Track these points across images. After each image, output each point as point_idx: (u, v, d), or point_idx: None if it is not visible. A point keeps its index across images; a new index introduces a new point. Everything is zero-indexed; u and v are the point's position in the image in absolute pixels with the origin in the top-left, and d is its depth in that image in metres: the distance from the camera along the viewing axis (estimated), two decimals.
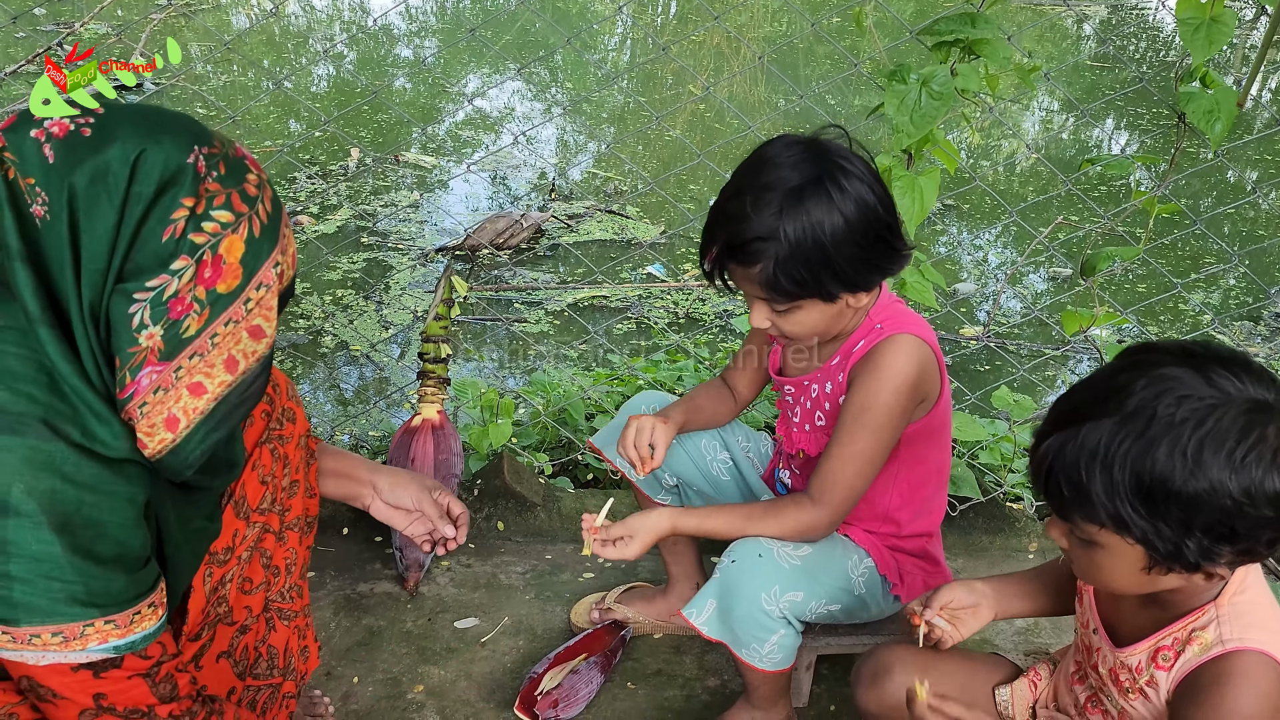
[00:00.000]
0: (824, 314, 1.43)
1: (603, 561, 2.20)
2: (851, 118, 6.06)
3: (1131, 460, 0.96)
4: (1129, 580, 1.07)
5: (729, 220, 1.38)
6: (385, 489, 1.58)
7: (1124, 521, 0.98)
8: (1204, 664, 1.09)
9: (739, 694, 1.85)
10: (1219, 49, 1.86)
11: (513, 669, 1.89)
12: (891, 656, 1.40)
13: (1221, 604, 1.10)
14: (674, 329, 3.71)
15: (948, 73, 1.92)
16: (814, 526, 1.50)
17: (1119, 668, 1.19)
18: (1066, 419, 1.02)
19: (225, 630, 1.51)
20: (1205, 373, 0.98)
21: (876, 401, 1.45)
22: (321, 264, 4.05)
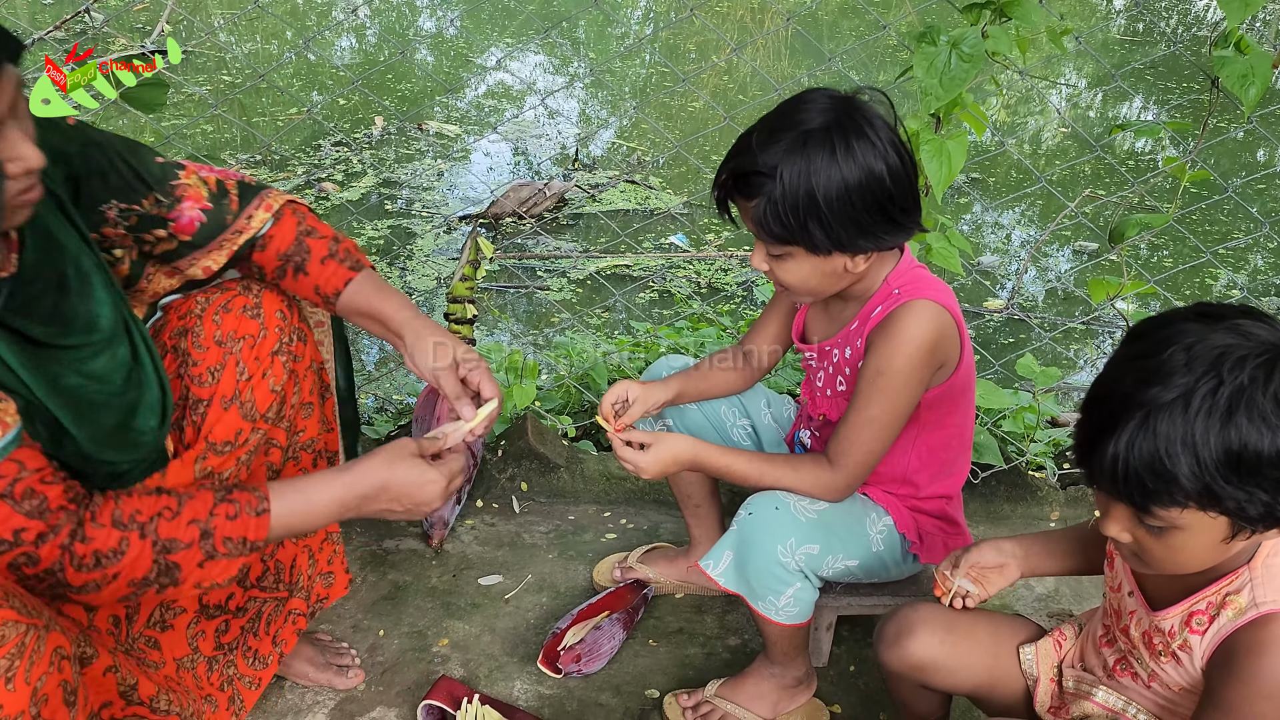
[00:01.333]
0: (816, 269, 1.42)
1: (624, 522, 2.21)
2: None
3: (1214, 435, 0.95)
4: (1206, 555, 1.06)
5: (740, 150, 1.39)
6: (410, 345, 1.50)
7: (1216, 496, 0.97)
8: (1239, 629, 1.09)
9: (759, 654, 1.87)
10: (1255, 11, 1.83)
11: (536, 625, 1.91)
12: (915, 616, 1.41)
13: (1255, 567, 1.10)
14: (696, 298, 3.71)
15: (979, 35, 1.90)
16: (831, 487, 1.51)
17: (1152, 631, 1.19)
18: (1120, 413, 1.00)
19: None
20: (1235, 328, 0.98)
21: (891, 366, 1.45)
22: (347, 230, 4.07)
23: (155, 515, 1.21)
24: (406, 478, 1.35)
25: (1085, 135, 2.56)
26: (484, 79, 6.09)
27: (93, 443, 1.26)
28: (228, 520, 1.25)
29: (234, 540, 1.26)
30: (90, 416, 1.25)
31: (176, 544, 1.22)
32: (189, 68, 5.75)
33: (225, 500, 1.26)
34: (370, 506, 1.36)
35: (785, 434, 1.82)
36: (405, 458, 1.36)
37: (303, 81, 5.85)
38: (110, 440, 1.28)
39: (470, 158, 5.06)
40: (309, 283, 1.51)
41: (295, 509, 1.31)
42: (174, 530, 1.22)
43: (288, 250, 1.49)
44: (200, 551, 1.24)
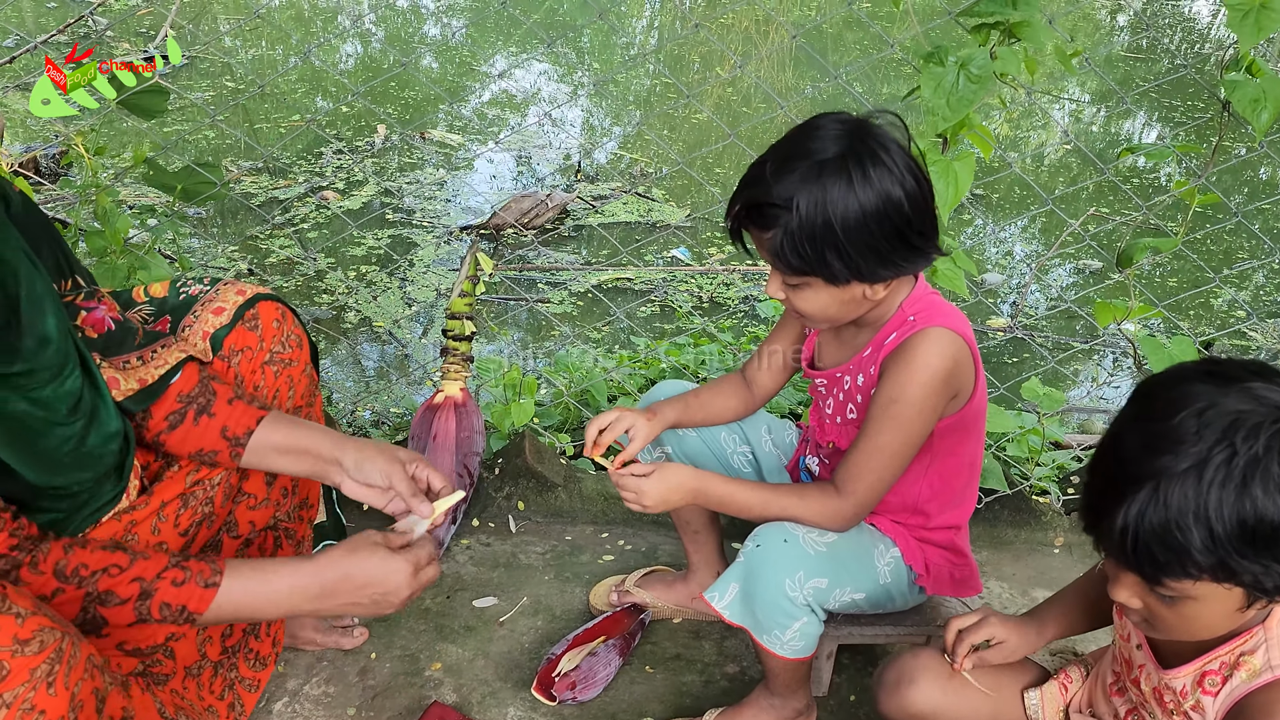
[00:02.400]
0: (834, 298, 1.40)
1: (622, 543, 2.18)
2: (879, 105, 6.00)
3: (1228, 507, 0.92)
4: (1220, 623, 1.04)
5: (754, 180, 1.36)
6: (352, 465, 1.46)
7: (1231, 570, 0.94)
8: (1253, 692, 1.06)
9: (758, 681, 1.83)
10: (1268, 35, 1.81)
11: (530, 649, 1.88)
12: (916, 664, 1.38)
13: (1270, 627, 1.07)
14: (698, 313, 3.68)
15: (987, 55, 1.88)
16: (838, 516, 1.48)
17: (1163, 688, 1.16)
18: (1130, 481, 0.97)
19: (230, 542, 1.53)
20: (1247, 391, 0.95)
21: (905, 395, 1.42)
22: (346, 239, 4.04)
23: (101, 570, 1.19)
24: (369, 567, 1.31)
25: (1092, 157, 2.53)
26: (488, 87, 6.07)
27: (39, 472, 1.22)
28: (172, 586, 1.22)
29: (172, 608, 1.22)
30: (35, 445, 1.22)
31: (113, 598, 1.19)
32: (193, 73, 5.74)
33: (177, 566, 1.23)
34: (331, 601, 1.31)
35: (788, 461, 1.79)
36: (368, 545, 1.33)
37: (307, 87, 5.83)
38: (58, 467, 1.25)
39: (472, 167, 5.03)
40: (214, 425, 1.43)
41: (249, 589, 1.26)
42: (114, 584, 1.19)
43: (190, 392, 1.42)
44: (133, 612, 1.21)
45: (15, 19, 6.49)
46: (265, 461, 1.46)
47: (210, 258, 3.80)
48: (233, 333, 1.50)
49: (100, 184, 2.04)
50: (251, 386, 1.52)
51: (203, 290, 1.53)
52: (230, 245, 3.94)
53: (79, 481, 1.28)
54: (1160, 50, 7.87)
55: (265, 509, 1.58)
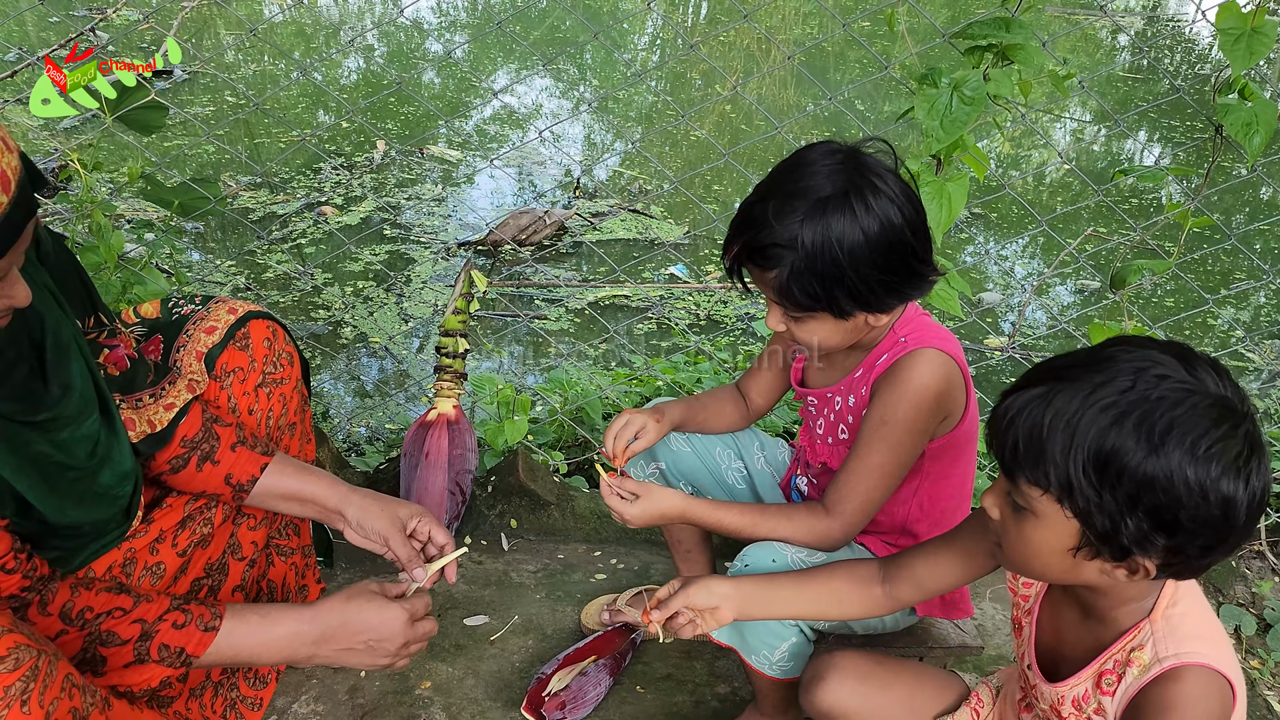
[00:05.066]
0: (837, 328, 1.40)
1: (614, 562, 2.18)
2: (880, 123, 6.02)
3: (1097, 426, 0.93)
4: (1052, 560, 1.03)
5: (752, 221, 1.36)
6: (353, 519, 1.49)
7: (1071, 487, 0.95)
8: (1145, 687, 1.05)
9: (749, 701, 1.83)
10: (1259, 60, 1.82)
11: (521, 668, 1.87)
12: (830, 662, 1.37)
13: (1155, 619, 1.08)
14: (695, 330, 3.68)
15: (980, 77, 1.88)
16: (826, 536, 1.47)
17: (1059, 703, 1.16)
18: (1040, 379, 0.99)
19: (236, 565, 1.53)
20: (1188, 363, 0.96)
21: (895, 415, 1.42)
22: (344, 255, 4.05)
23: (105, 613, 1.21)
24: (366, 615, 1.33)
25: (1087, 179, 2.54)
26: (489, 104, 6.09)
27: (57, 510, 1.24)
28: (173, 628, 1.24)
29: (170, 649, 1.24)
30: (54, 485, 1.23)
31: (114, 638, 1.21)
32: (194, 88, 5.76)
33: (179, 609, 1.25)
34: (328, 648, 1.33)
35: (780, 478, 1.78)
36: (365, 594, 1.35)
37: (308, 102, 5.85)
38: (75, 506, 1.27)
39: (471, 183, 5.05)
40: (218, 473, 1.44)
41: (248, 633, 1.28)
42: (116, 625, 1.21)
43: (194, 437, 1.43)
44: (133, 653, 1.23)
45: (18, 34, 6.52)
46: (267, 504, 1.49)
47: (207, 273, 3.80)
48: (225, 352, 1.50)
49: (95, 200, 2.05)
50: (246, 409, 1.53)
51: (194, 309, 1.54)
52: (227, 260, 3.95)
53: (93, 520, 1.29)
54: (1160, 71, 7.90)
55: (263, 529, 1.58)
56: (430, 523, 1.50)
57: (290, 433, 1.63)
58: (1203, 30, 9.56)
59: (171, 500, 1.47)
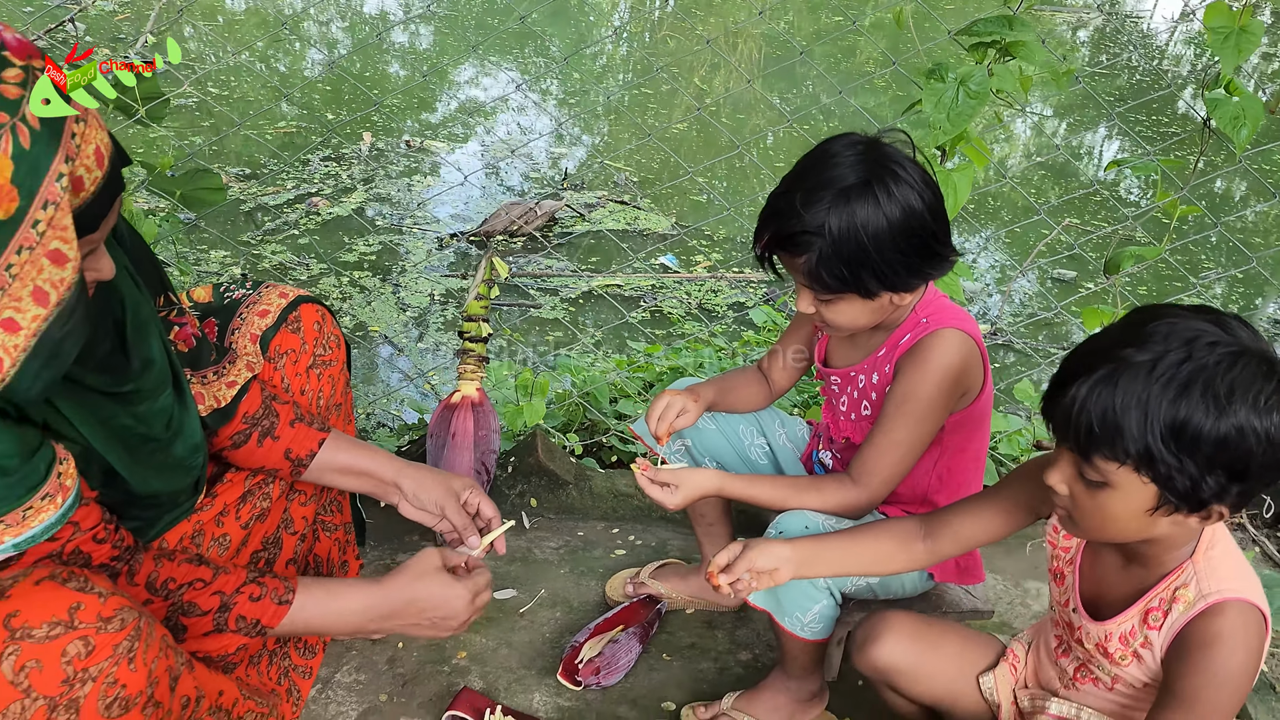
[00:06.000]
0: (865, 308, 1.49)
1: (632, 539, 2.26)
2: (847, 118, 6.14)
3: (1167, 399, 1.02)
4: (1129, 523, 1.13)
5: (780, 211, 1.45)
6: (410, 491, 1.56)
7: (1152, 458, 1.04)
8: (1192, 621, 1.16)
9: (770, 668, 1.91)
10: (1248, 57, 1.93)
11: (551, 639, 1.95)
12: (884, 623, 1.46)
13: (1197, 561, 1.18)
14: (689, 318, 3.77)
15: (985, 72, 1.98)
16: (853, 506, 1.56)
17: (1106, 640, 1.26)
18: (1095, 363, 1.07)
19: (289, 539, 1.60)
20: (1221, 324, 1.06)
21: (918, 392, 1.51)
22: (338, 245, 4.09)
23: (187, 584, 1.27)
24: (432, 592, 1.40)
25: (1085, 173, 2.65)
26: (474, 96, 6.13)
27: (141, 480, 1.30)
28: (250, 601, 1.30)
29: (247, 620, 1.30)
30: (137, 456, 1.29)
31: (195, 609, 1.27)
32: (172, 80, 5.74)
33: (255, 582, 1.31)
34: (394, 622, 1.40)
35: (800, 453, 1.87)
36: (432, 572, 1.42)
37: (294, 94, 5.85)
38: (156, 476, 1.33)
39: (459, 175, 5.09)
40: (278, 448, 1.51)
41: (321, 604, 1.35)
42: (197, 596, 1.27)
43: (255, 413, 1.49)
44: (211, 623, 1.29)
45: None
46: (324, 479, 1.55)
47: (203, 263, 3.83)
48: (278, 334, 1.57)
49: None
50: (298, 390, 1.59)
51: (245, 294, 1.60)
52: (222, 251, 3.97)
53: (171, 490, 1.35)
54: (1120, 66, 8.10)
55: (312, 504, 1.65)
56: (480, 495, 1.57)
57: (336, 413, 1.70)
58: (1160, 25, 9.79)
59: (231, 475, 1.53)
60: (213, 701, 1.31)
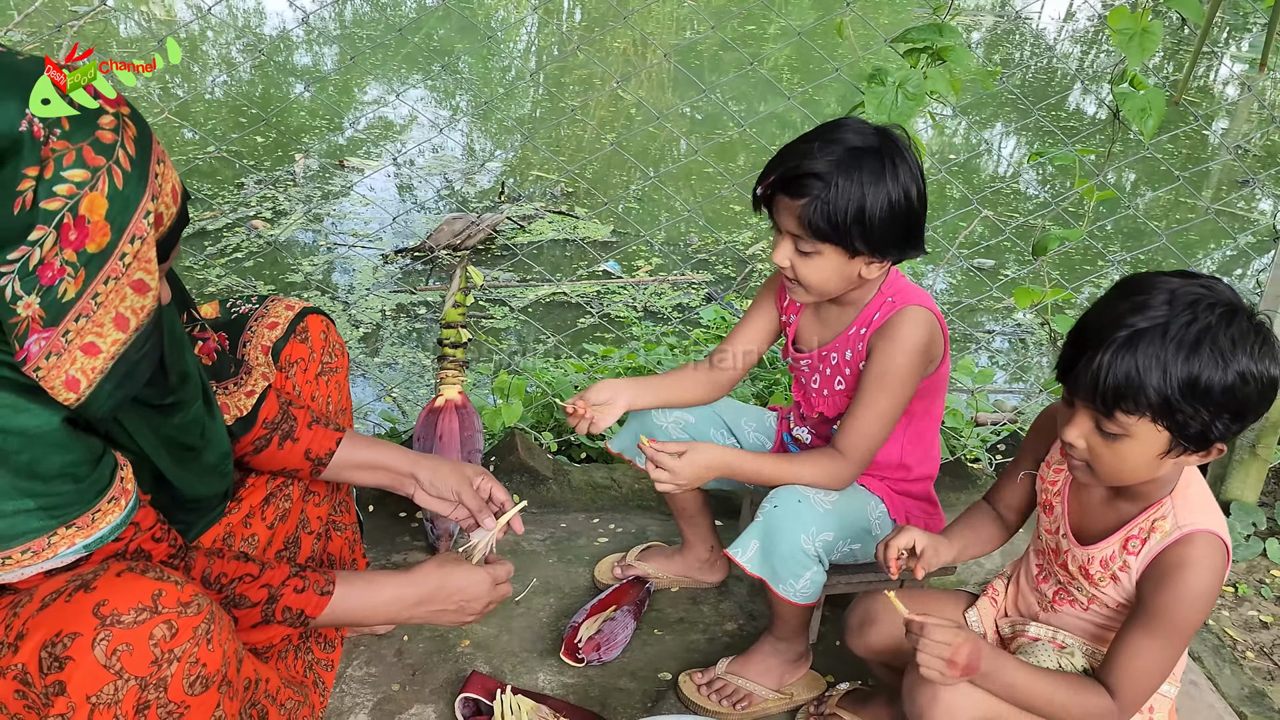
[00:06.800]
0: (838, 270, 1.62)
1: (613, 527, 2.38)
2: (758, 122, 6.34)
3: (1182, 357, 1.20)
4: (1142, 467, 1.30)
5: (793, 154, 1.59)
6: (426, 479, 1.67)
7: (1170, 409, 1.22)
8: (1166, 548, 1.34)
9: (755, 635, 2.05)
10: (1150, 55, 2.14)
11: (548, 622, 2.06)
12: (876, 606, 1.61)
13: (1175, 497, 1.37)
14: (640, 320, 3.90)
15: (920, 76, 2.16)
16: (841, 476, 1.71)
17: (1088, 563, 1.43)
18: (1110, 332, 1.23)
19: (306, 539, 1.69)
20: (1208, 285, 1.24)
21: (894, 365, 1.67)
22: (284, 267, 4.13)
23: (238, 578, 1.36)
24: (458, 579, 1.52)
25: (986, 168, 2.86)
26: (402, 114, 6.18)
27: (189, 485, 1.39)
28: (295, 593, 1.39)
29: (292, 611, 1.39)
30: (182, 463, 1.38)
31: (245, 601, 1.36)
32: None
33: (298, 575, 1.40)
34: (425, 609, 1.51)
35: (772, 441, 2.01)
36: (454, 560, 1.55)
37: (216, 120, 5.84)
38: (199, 481, 1.42)
39: (395, 193, 5.15)
40: (298, 449, 1.60)
41: (358, 595, 1.44)
42: (247, 589, 1.36)
43: (274, 419, 1.58)
44: (260, 614, 1.37)
45: None
46: (342, 476, 1.65)
47: None
48: (288, 345, 1.66)
49: None
50: (309, 396, 1.68)
51: (252, 308, 1.68)
52: None
53: (211, 494, 1.43)
54: (1013, 65, 8.49)
55: (325, 505, 1.74)
56: (491, 480, 1.68)
57: (342, 417, 1.79)
58: (1048, 25, 10.27)
59: (253, 480, 1.62)
60: (264, 687, 1.40)
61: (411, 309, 3.96)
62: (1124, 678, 1.34)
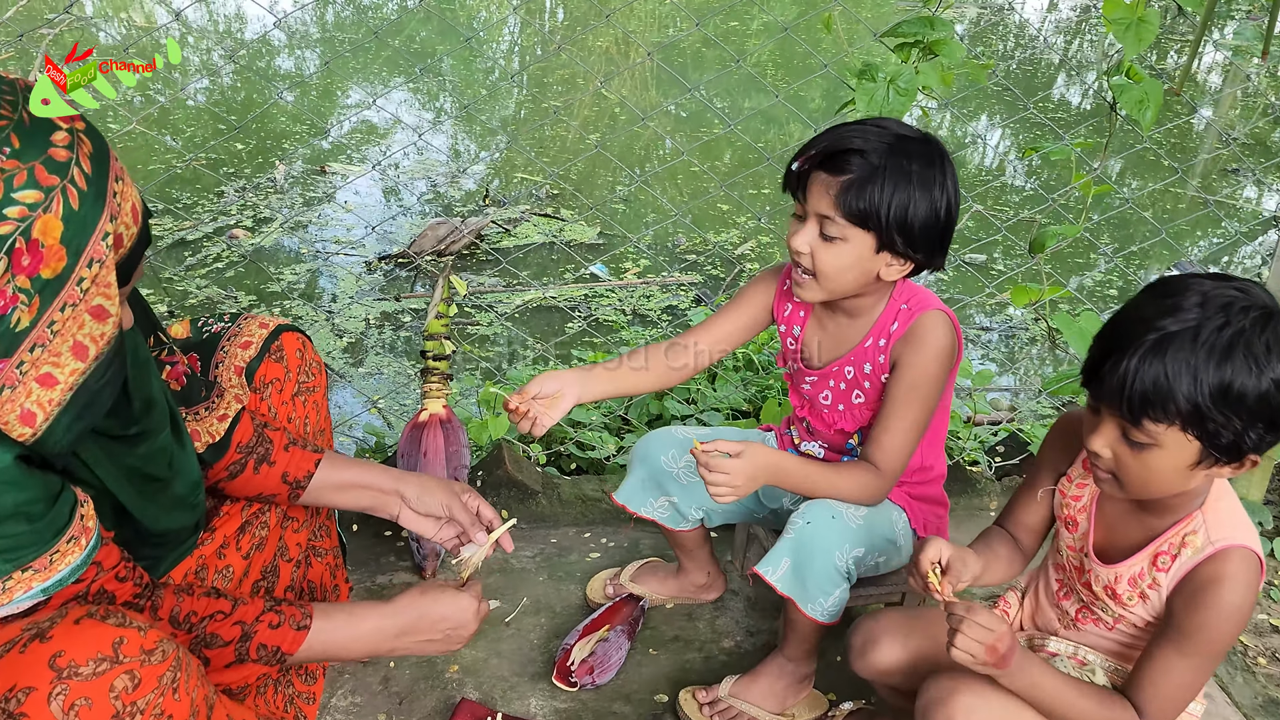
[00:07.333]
0: (860, 261, 1.53)
1: (605, 541, 2.31)
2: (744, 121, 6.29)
3: (1214, 364, 1.13)
4: (1172, 479, 1.23)
5: (840, 132, 1.51)
6: (413, 497, 1.60)
7: (1201, 418, 1.15)
8: (1199, 564, 1.28)
9: (752, 653, 1.99)
10: (1147, 45, 2.08)
11: (539, 644, 1.99)
12: (878, 627, 1.54)
13: (1206, 510, 1.30)
14: (625, 326, 3.83)
15: (912, 71, 2.10)
16: (879, 491, 1.64)
17: (1114, 582, 1.37)
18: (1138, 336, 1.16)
19: (285, 567, 1.62)
20: (1240, 287, 1.17)
21: (926, 375, 1.60)
22: (265, 276, 4.05)
23: (208, 616, 1.28)
24: (441, 606, 1.45)
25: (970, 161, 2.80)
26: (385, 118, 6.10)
27: (154, 519, 1.32)
28: (269, 629, 1.32)
29: (268, 649, 1.32)
30: (147, 495, 1.31)
31: (217, 640, 1.29)
32: None
33: (272, 610, 1.33)
34: (409, 639, 1.44)
35: None
36: (438, 586, 1.47)
37: (196, 126, 5.75)
38: (165, 515, 1.35)
39: (379, 198, 5.07)
40: (275, 473, 1.52)
41: (338, 627, 1.37)
42: (219, 628, 1.29)
43: (248, 443, 1.50)
44: (234, 653, 1.30)
45: None
46: (322, 498, 1.57)
47: None
48: (263, 364, 1.59)
49: None
50: (285, 418, 1.61)
51: (224, 327, 1.61)
52: (144, 289, 3.89)
53: (179, 527, 1.36)
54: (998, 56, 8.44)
55: (304, 530, 1.67)
56: (478, 498, 1.62)
57: (320, 437, 1.72)
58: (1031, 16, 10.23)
59: (228, 508, 1.54)
60: None
61: (396, 316, 3.88)
62: (1154, 697, 1.29)
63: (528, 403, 1.59)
